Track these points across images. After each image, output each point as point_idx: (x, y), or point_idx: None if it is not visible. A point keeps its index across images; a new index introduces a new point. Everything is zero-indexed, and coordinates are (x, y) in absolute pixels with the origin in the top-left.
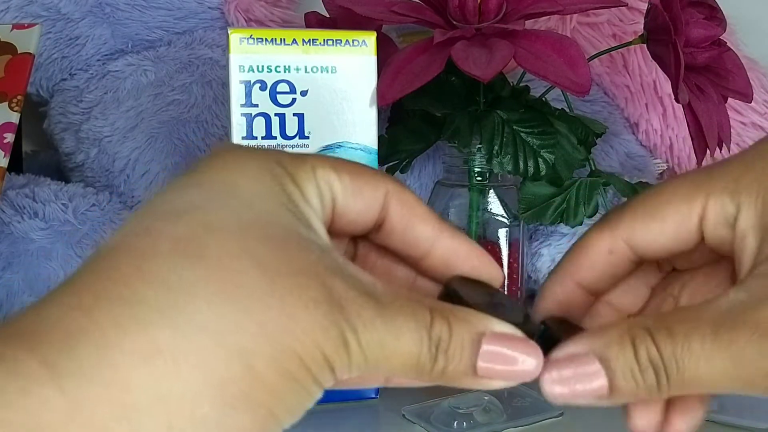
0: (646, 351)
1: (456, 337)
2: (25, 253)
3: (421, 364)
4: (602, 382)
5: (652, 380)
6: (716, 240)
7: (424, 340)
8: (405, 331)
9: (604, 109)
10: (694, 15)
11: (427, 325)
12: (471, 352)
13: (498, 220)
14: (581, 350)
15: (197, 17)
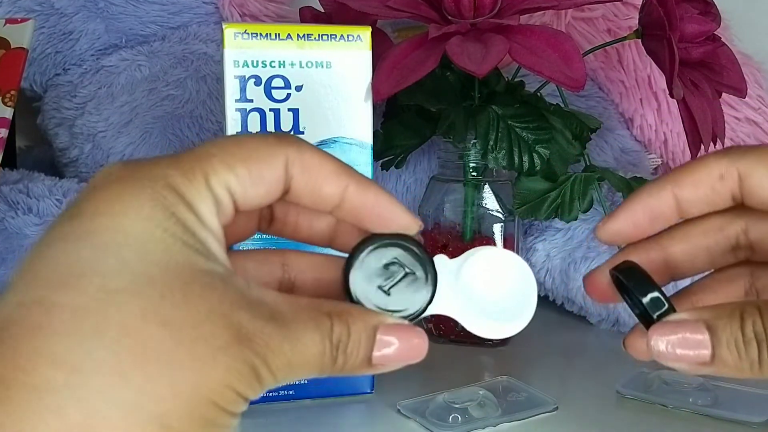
0: (752, 324)
1: (354, 336)
2: (19, 249)
3: (323, 365)
4: (706, 349)
5: (754, 353)
6: None
7: (326, 347)
8: (311, 345)
9: (599, 105)
10: (688, 10)
11: (329, 331)
12: (367, 346)
13: (493, 215)
14: (692, 317)
15: (191, 12)
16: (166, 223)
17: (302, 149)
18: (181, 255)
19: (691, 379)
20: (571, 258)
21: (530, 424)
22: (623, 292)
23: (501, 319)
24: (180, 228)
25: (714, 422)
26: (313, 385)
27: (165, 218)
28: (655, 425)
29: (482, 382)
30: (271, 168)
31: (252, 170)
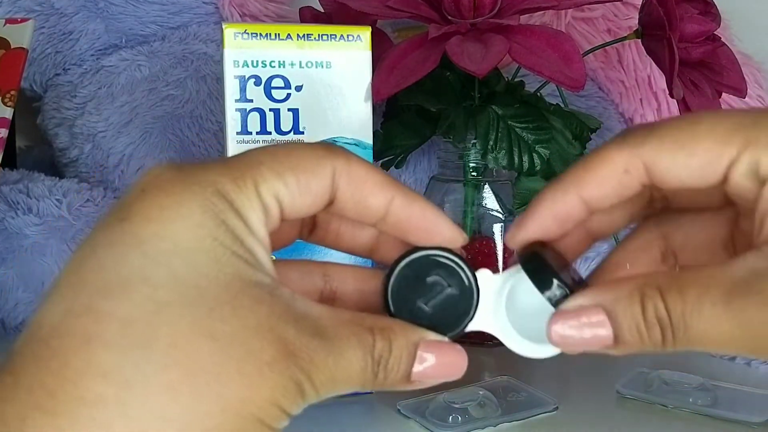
0: (654, 309)
1: (395, 352)
2: (19, 249)
3: (364, 381)
4: (607, 332)
5: (657, 336)
6: (740, 190)
7: (369, 363)
8: (353, 361)
9: (599, 104)
10: (688, 10)
11: (371, 347)
12: (408, 362)
13: (493, 215)
14: (589, 302)
15: (191, 12)
16: (216, 232)
17: (350, 160)
18: (230, 266)
19: (691, 379)
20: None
21: (530, 424)
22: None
23: (541, 339)
24: (229, 237)
25: (714, 422)
26: None
27: (215, 226)
28: (655, 425)
29: (482, 382)
30: (319, 178)
31: (300, 179)
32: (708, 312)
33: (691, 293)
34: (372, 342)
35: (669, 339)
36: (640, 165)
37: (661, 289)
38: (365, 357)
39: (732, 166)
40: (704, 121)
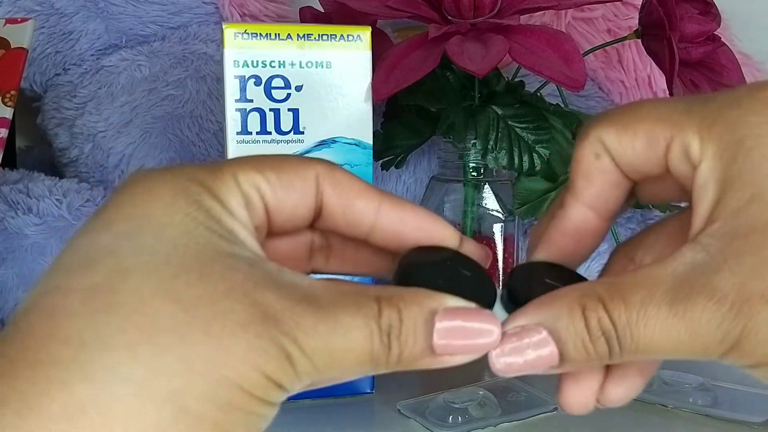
0: (597, 321)
1: (407, 321)
2: (19, 249)
3: (375, 356)
4: (551, 351)
5: (603, 349)
6: (679, 173)
7: (374, 332)
8: (353, 328)
9: (599, 104)
10: (688, 10)
11: (375, 316)
12: (425, 333)
13: (493, 216)
14: (529, 322)
15: (191, 12)
16: (188, 209)
17: (333, 167)
18: (203, 237)
19: (691, 379)
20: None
21: (530, 424)
22: None
23: None
24: (203, 214)
25: (714, 422)
26: None
27: (187, 204)
28: (655, 425)
29: (482, 382)
30: (301, 178)
31: (282, 176)
32: (653, 318)
33: (634, 300)
34: (377, 310)
35: (616, 351)
36: (601, 146)
37: (602, 300)
38: (367, 325)
39: (668, 148)
40: (645, 105)
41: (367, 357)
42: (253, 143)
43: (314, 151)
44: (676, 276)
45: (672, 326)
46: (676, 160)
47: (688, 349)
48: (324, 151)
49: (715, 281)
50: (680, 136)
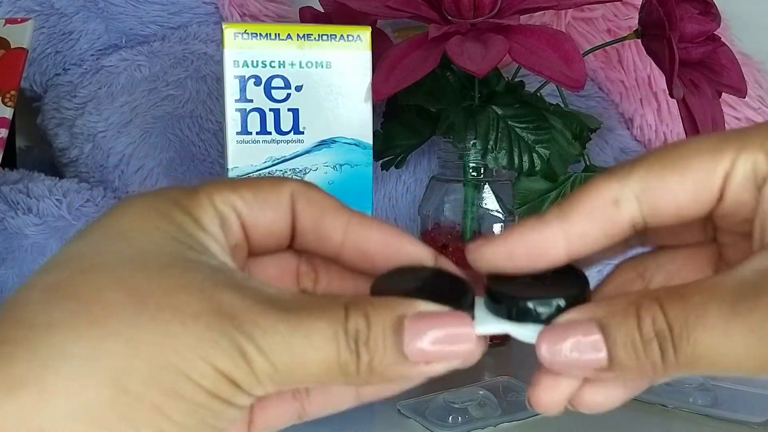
0: (651, 321)
1: (375, 326)
2: (19, 249)
3: (343, 363)
4: (602, 353)
5: (656, 354)
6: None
7: (339, 335)
8: (315, 330)
9: (599, 105)
10: (688, 10)
11: (341, 320)
12: (395, 339)
13: (493, 216)
14: (582, 317)
15: (191, 12)
16: (159, 222)
17: (307, 185)
18: (169, 246)
19: (691, 379)
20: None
21: (530, 424)
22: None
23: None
24: (174, 227)
25: (714, 422)
26: None
27: (159, 219)
28: (655, 425)
29: (482, 382)
30: (276, 194)
31: (257, 194)
32: (714, 318)
33: (694, 299)
34: (343, 314)
35: (670, 357)
36: (630, 196)
37: (660, 300)
38: (331, 327)
39: (728, 179)
40: (690, 143)
41: (333, 363)
42: (253, 143)
43: (314, 151)
44: (744, 280)
45: (734, 329)
46: (737, 186)
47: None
48: (324, 151)
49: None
50: (744, 158)
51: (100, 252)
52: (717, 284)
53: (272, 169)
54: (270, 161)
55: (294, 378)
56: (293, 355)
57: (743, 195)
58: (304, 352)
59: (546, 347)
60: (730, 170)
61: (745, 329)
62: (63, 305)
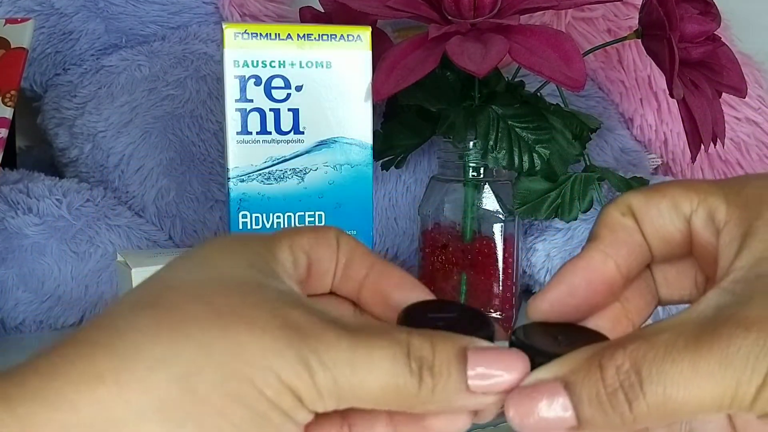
0: (615, 369)
1: (440, 353)
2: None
3: (403, 385)
4: (568, 412)
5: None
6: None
7: (401, 358)
8: (377, 349)
9: (599, 105)
10: (688, 10)
11: (405, 343)
12: (459, 368)
13: (493, 215)
14: (547, 376)
15: (191, 12)
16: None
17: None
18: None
19: None
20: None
21: None
22: None
23: None
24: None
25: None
26: None
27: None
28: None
29: None
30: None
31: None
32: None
33: (658, 339)
34: (406, 338)
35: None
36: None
37: (622, 344)
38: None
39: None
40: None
41: (394, 383)
42: (253, 143)
43: (314, 151)
44: (703, 316)
45: (701, 359)
46: (701, 224)
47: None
48: (324, 151)
49: (743, 312)
50: (707, 202)
51: (186, 274)
52: (679, 322)
53: (272, 169)
54: (270, 161)
55: (353, 395)
56: (354, 371)
57: (705, 235)
58: (365, 369)
59: (513, 411)
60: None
61: (711, 359)
62: (146, 313)
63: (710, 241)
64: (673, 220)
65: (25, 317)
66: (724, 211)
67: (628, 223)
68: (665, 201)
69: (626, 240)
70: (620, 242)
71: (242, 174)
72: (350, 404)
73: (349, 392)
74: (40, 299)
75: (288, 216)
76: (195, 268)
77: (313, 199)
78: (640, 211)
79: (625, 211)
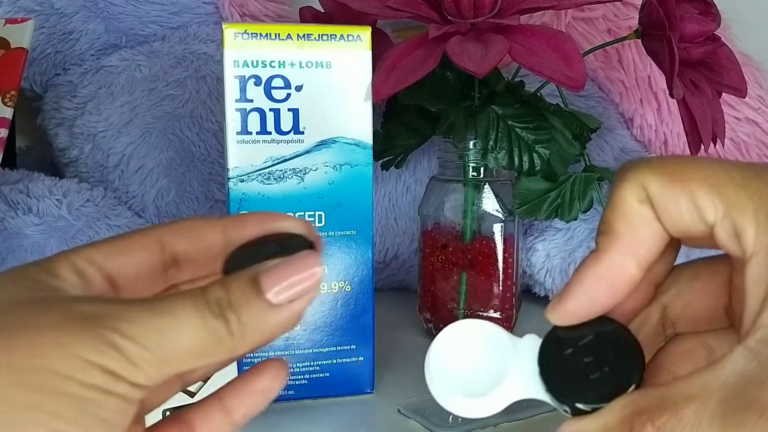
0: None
1: (234, 288)
2: (19, 249)
3: (214, 330)
4: None
5: None
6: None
7: (201, 306)
8: (178, 308)
9: (599, 105)
10: (688, 10)
11: (200, 293)
12: (254, 293)
13: (493, 216)
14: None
15: (191, 12)
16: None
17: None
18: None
19: None
20: (571, 258)
21: (530, 424)
22: None
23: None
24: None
25: None
26: (313, 385)
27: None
28: None
29: None
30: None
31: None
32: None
33: (686, 412)
34: (200, 291)
35: None
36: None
37: (652, 417)
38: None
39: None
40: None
41: (204, 332)
42: (253, 143)
43: (314, 151)
44: (728, 386)
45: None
46: (725, 237)
47: None
48: (324, 151)
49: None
50: (733, 216)
51: None
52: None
53: (272, 169)
54: (270, 161)
55: (172, 357)
56: (163, 334)
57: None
58: (172, 330)
59: None
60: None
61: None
62: None
63: (737, 255)
64: (693, 221)
65: None
66: (752, 236)
67: (647, 212)
68: (685, 198)
69: (646, 233)
70: (641, 239)
71: (242, 174)
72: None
73: (166, 355)
74: None
75: None
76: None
77: (313, 199)
78: (658, 202)
79: (643, 198)
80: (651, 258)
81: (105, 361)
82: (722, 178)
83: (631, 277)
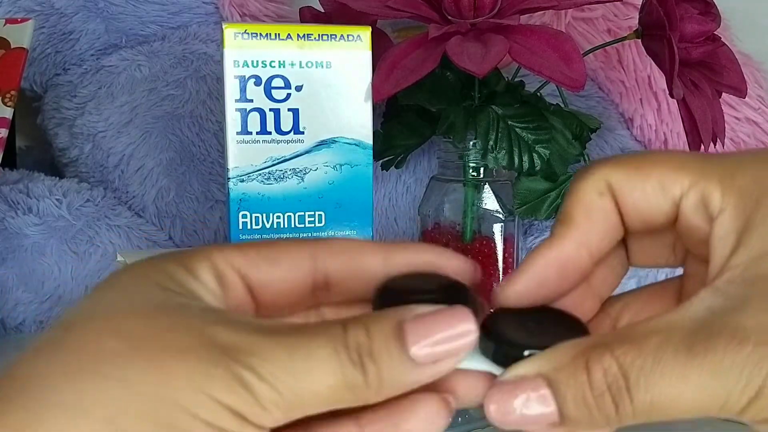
0: (603, 372)
1: (376, 335)
2: (19, 249)
3: (350, 379)
4: (550, 409)
5: (609, 406)
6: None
7: (340, 351)
8: (314, 349)
9: (599, 105)
10: (688, 10)
11: (340, 334)
12: (397, 344)
13: (493, 216)
14: (529, 372)
15: (191, 12)
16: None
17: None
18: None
19: None
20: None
21: None
22: None
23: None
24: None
25: (714, 422)
26: None
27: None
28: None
29: None
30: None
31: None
32: (671, 362)
33: (648, 344)
34: (341, 329)
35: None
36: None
37: (610, 347)
38: (331, 343)
39: (682, 198)
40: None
41: (340, 379)
42: (253, 143)
43: (314, 151)
44: (695, 320)
45: (692, 371)
46: (691, 210)
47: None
48: (324, 151)
49: (737, 321)
50: (699, 186)
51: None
52: (670, 326)
53: (272, 169)
54: (270, 161)
55: (302, 403)
56: (296, 378)
57: (695, 220)
58: (307, 373)
59: (494, 407)
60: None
61: (702, 371)
62: (51, 357)
63: (701, 227)
64: (659, 203)
65: (25, 317)
66: (718, 197)
67: (606, 204)
68: (651, 182)
69: (602, 225)
70: (596, 228)
71: (242, 174)
72: (302, 412)
73: (297, 400)
74: (40, 299)
75: (288, 216)
76: (102, 299)
77: (313, 199)
78: (621, 191)
79: (603, 191)
80: (604, 249)
81: (235, 403)
82: (687, 158)
83: (582, 265)
